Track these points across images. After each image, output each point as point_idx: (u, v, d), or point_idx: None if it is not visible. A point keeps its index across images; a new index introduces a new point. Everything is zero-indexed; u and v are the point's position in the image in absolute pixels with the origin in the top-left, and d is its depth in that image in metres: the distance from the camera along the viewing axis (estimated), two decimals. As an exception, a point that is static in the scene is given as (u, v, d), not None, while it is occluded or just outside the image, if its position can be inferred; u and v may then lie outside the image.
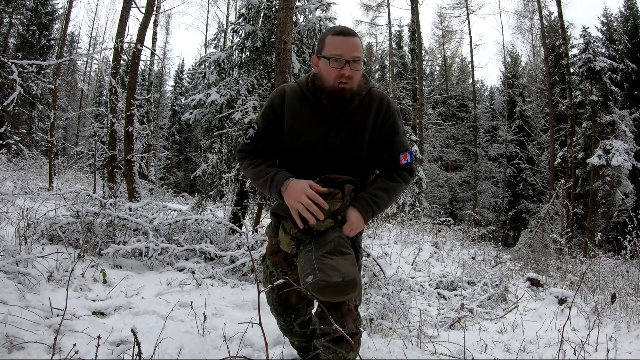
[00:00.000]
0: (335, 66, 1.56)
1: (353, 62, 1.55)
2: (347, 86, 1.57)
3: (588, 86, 15.55)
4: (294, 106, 1.68)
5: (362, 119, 1.67)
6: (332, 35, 1.59)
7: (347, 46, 1.55)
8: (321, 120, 1.66)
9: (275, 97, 1.72)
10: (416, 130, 14.39)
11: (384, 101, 1.70)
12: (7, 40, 18.08)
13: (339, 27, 1.64)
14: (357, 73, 1.58)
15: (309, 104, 1.67)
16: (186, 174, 27.51)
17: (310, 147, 1.67)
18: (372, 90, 1.70)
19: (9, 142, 8.31)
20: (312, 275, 1.46)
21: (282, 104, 1.69)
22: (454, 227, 8.97)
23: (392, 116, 1.70)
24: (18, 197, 4.77)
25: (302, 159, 1.69)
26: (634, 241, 5.19)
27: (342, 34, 1.58)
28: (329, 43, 1.58)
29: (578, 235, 14.30)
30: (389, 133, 1.69)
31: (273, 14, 6.17)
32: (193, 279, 3.24)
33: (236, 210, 5.94)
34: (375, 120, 1.67)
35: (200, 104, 6.27)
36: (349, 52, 1.55)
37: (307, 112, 1.67)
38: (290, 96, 1.69)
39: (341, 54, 1.55)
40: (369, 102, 1.68)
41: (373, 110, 1.67)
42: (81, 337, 2.05)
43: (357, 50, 1.57)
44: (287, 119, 1.68)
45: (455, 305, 3.81)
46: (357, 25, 23.75)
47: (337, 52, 1.55)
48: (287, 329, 1.91)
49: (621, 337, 2.84)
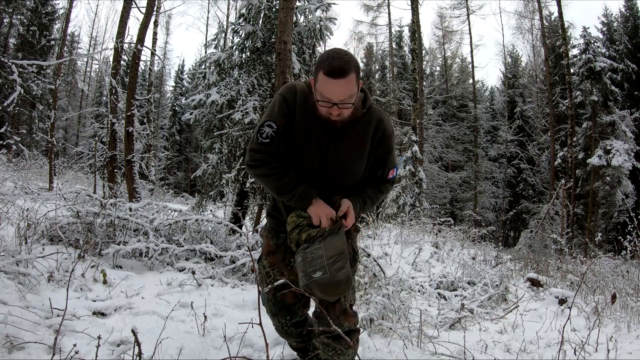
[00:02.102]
0: (323, 105, 1.58)
1: (342, 103, 1.55)
2: (337, 119, 1.61)
3: (588, 86, 15.56)
4: (304, 105, 1.69)
5: (361, 132, 1.72)
6: (323, 74, 1.52)
7: (336, 90, 1.52)
8: (323, 128, 1.67)
9: (287, 92, 1.71)
10: (416, 130, 14.38)
11: (383, 121, 1.76)
12: (7, 40, 18.08)
13: (332, 65, 1.51)
14: (347, 109, 1.60)
15: (313, 107, 1.66)
16: (186, 174, 27.51)
17: (311, 149, 1.70)
18: (372, 108, 1.75)
19: (9, 142, 8.31)
20: (320, 272, 1.56)
21: (294, 100, 1.69)
22: (454, 227, 8.96)
23: (388, 137, 1.78)
24: (18, 197, 4.77)
25: (300, 160, 1.72)
26: (634, 241, 5.19)
27: (332, 74, 1.50)
28: (320, 80, 1.55)
29: (578, 235, 14.30)
30: (384, 153, 1.79)
31: (273, 14, 6.17)
32: (193, 279, 3.24)
33: (236, 210, 5.94)
34: (373, 137, 1.75)
35: (200, 104, 6.27)
36: (337, 96, 1.53)
37: (312, 114, 1.67)
38: (301, 95, 1.70)
39: (329, 97, 1.54)
40: (368, 119, 1.73)
41: (372, 128, 1.74)
42: (81, 337, 2.05)
43: (346, 92, 1.53)
44: (297, 115, 1.69)
45: (455, 305, 3.80)
46: (357, 25, 23.87)
47: (326, 95, 1.54)
48: (283, 329, 1.94)
49: (621, 337, 2.84)
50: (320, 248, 1.60)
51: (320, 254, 1.59)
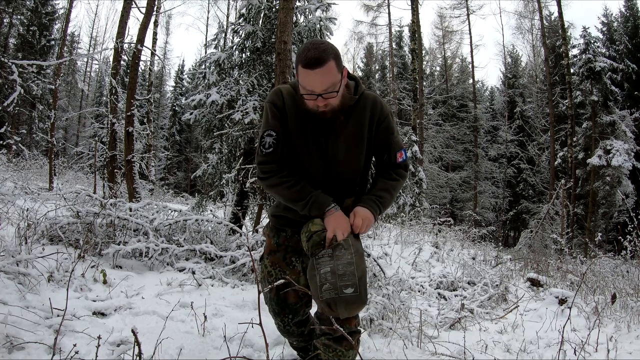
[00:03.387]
0: (309, 98, 1.56)
1: (325, 92, 1.53)
2: (325, 109, 1.58)
3: (588, 86, 15.56)
4: (292, 106, 1.68)
5: (358, 120, 1.68)
6: (302, 67, 1.51)
7: (317, 80, 1.51)
8: (316, 123, 1.65)
9: (274, 97, 1.70)
10: (416, 130, 14.39)
11: (377, 103, 1.71)
12: (7, 40, 18.07)
13: (308, 56, 1.50)
14: (333, 98, 1.56)
15: (304, 106, 1.64)
16: (186, 174, 27.52)
17: (309, 148, 1.68)
18: (365, 94, 1.71)
19: (9, 142, 8.33)
20: (352, 289, 1.49)
21: (282, 102, 1.68)
22: (454, 227, 8.97)
23: (386, 118, 1.72)
24: (18, 197, 4.77)
25: (302, 162, 1.70)
26: (634, 241, 5.18)
27: (309, 65, 1.49)
28: (300, 74, 1.53)
29: (578, 235, 14.30)
30: (386, 135, 1.73)
31: (273, 14, 6.16)
32: (193, 279, 3.24)
33: (236, 210, 5.94)
34: (370, 122, 1.69)
35: (200, 104, 6.26)
36: (319, 87, 1.52)
37: (303, 114, 1.66)
38: (288, 97, 1.69)
39: (312, 89, 1.53)
40: (363, 105, 1.69)
41: (367, 113, 1.69)
42: (81, 337, 2.05)
43: (327, 81, 1.51)
44: (290, 116, 1.68)
45: (455, 305, 3.80)
46: (357, 25, 23.91)
47: (307, 87, 1.53)
48: (284, 328, 1.92)
49: (621, 337, 2.84)
50: (352, 264, 1.52)
51: (352, 270, 1.51)
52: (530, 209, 20.47)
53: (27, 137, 18.15)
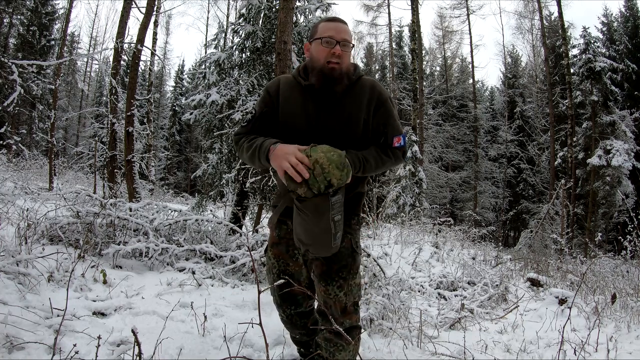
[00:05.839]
0: (326, 46, 1.66)
1: (343, 43, 1.67)
2: (336, 66, 1.66)
3: (588, 86, 15.55)
4: (287, 90, 1.76)
5: (355, 101, 1.71)
6: (324, 22, 1.73)
7: (338, 29, 1.69)
8: (312, 103, 1.70)
9: (271, 84, 1.82)
10: (416, 130, 14.38)
11: (376, 87, 1.76)
12: (7, 40, 18.06)
13: (329, 17, 1.78)
14: (347, 55, 1.69)
15: (299, 88, 1.74)
16: (186, 174, 27.52)
17: (302, 128, 1.70)
18: (363, 78, 1.76)
19: (9, 142, 8.33)
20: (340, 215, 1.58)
21: (276, 89, 1.77)
22: (454, 227, 8.95)
23: (385, 102, 1.75)
24: (18, 197, 4.77)
25: (296, 142, 1.69)
26: (634, 241, 5.18)
27: (333, 20, 1.73)
28: (321, 28, 1.71)
29: (578, 235, 14.30)
30: (383, 119, 1.74)
31: (273, 14, 6.16)
32: (193, 279, 3.24)
33: (236, 210, 5.94)
34: (368, 104, 1.72)
35: (200, 104, 6.25)
36: (339, 34, 1.68)
37: (299, 95, 1.73)
38: (284, 83, 1.78)
39: (332, 35, 1.67)
40: (361, 87, 1.74)
41: (366, 95, 1.72)
42: (81, 337, 2.05)
43: (347, 34, 1.70)
44: (282, 103, 1.75)
45: (455, 305, 3.80)
46: (357, 25, 23.80)
47: (328, 33, 1.68)
48: (288, 319, 1.96)
49: (621, 337, 2.84)
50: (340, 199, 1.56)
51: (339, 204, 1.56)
52: (530, 209, 20.46)
53: (27, 137, 18.15)
